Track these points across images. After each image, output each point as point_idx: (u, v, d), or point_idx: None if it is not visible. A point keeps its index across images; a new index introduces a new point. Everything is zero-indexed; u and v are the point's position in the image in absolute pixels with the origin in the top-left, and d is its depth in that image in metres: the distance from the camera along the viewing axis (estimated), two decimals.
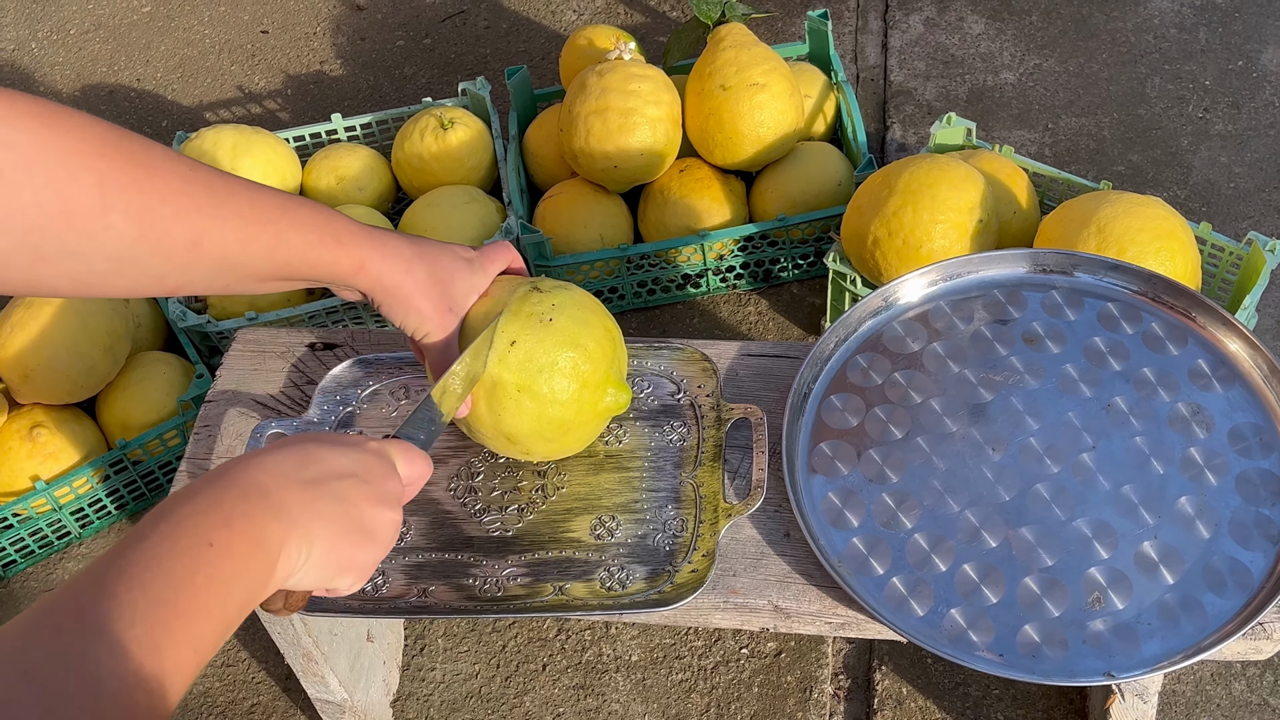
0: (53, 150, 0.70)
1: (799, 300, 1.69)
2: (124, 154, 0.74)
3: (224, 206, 0.79)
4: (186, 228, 0.77)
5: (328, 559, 0.74)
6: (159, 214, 0.75)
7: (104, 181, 0.72)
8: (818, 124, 1.72)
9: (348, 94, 2.04)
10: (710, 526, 0.99)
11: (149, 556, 0.63)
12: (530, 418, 0.96)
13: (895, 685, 1.33)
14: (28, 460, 1.45)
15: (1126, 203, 1.35)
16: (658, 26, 2.07)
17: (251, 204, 0.81)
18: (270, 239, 0.82)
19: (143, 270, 0.77)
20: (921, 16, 2.01)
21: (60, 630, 0.57)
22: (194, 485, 0.70)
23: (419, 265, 0.92)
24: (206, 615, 0.63)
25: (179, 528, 0.65)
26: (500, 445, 1.00)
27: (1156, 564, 0.94)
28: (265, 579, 0.69)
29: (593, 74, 1.58)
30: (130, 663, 0.58)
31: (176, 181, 0.76)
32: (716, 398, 1.07)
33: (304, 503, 0.72)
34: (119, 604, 0.60)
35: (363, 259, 0.88)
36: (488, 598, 0.98)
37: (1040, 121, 1.84)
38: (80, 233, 0.72)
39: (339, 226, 0.87)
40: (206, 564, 0.65)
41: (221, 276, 0.81)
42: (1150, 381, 1.04)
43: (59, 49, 2.17)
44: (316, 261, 0.86)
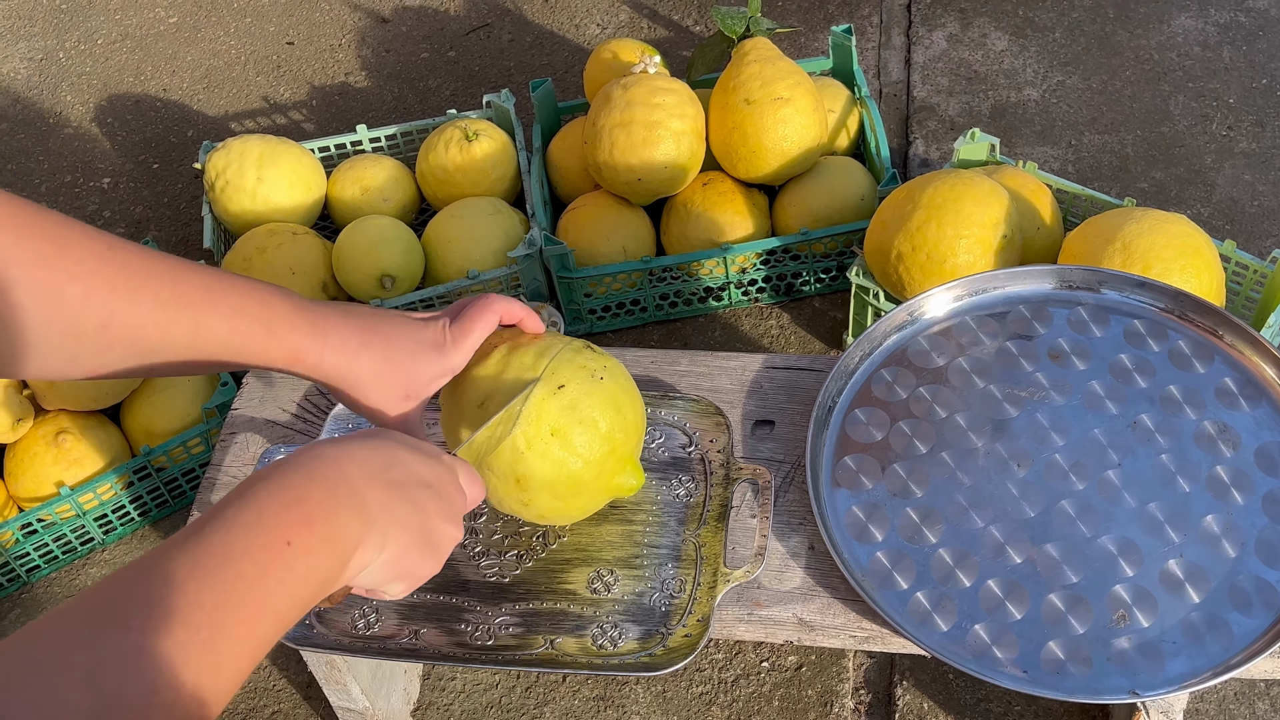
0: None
1: (821, 314, 1.69)
2: (34, 230, 0.71)
3: (139, 289, 0.75)
4: (95, 309, 0.73)
5: (393, 564, 0.72)
6: (67, 294, 0.72)
7: (9, 258, 0.70)
8: (841, 139, 1.72)
9: (373, 105, 2.05)
10: (708, 590, 0.98)
11: (226, 550, 0.62)
12: (552, 465, 0.92)
13: (917, 700, 1.32)
14: (53, 466, 1.46)
15: (1151, 220, 1.34)
16: (682, 41, 2.08)
17: (172, 285, 0.77)
18: (189, 323, 0.78)
19: (54, 352, 0.74)
20: (945, 33, 2.02)
21: (128, 629, 0.56)
22: (280, 467, 0.68)
23: (367, 354, 0.86)
24: (272, 617, 0.62)
25: (261, 521, 0.64)
26: (505, 488, 0.95)
27: (1182, 582, 0.94)
28: (334, 578, 0.68)
29: (617, 87, 1.59)
30: (190, 672, 0.57)
31: (89, 260, 0.73)
32: (728, 454, 1.06)
33: (385, 504, 0.71)
34: (188, 602, 0.58)
35: (297, 348, 0.83)
36: (478, 645, 0.97)
37: (1064, 138, 1.84)
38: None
39: (273, 313, 0.82)
40: (281, 565, 0.63)
41: (139, 360, 0.78)
42: (1176, 399, 1.04)
43: (86, 59, 2.19)
44: (243, 349, 0.81)
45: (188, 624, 0.58)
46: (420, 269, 1.64)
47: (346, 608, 1.00)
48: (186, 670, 0.57)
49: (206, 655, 0.58)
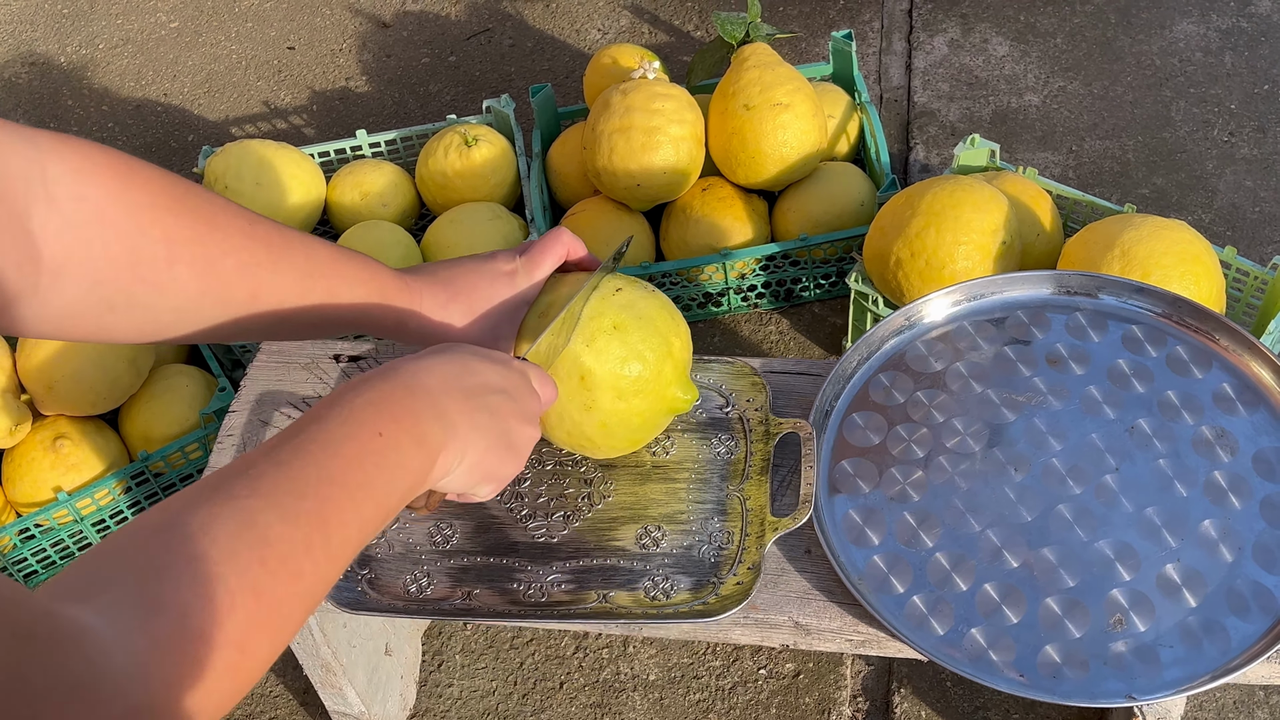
0: (124, 204, 0.73)
1: (820, 320, 1.69)
2: (189, 209, 0.77)
3: (281, 261, 0.82)
4: (247, 281, 0.80)
5: (477, 468, 0.77)
6: (221, 267, 0.78)
7: (171, 236, 0.75)
8: (841, 144, 1.72)
9: (373, 110, 2.05)
10: (756, 540, 0.98)
11: (324, 436, 0.66)
12: (614, 361, 0.96)
13: (914, 708, 1.32)
14: (50, 471, 1.46)
15: (1151, 226, 1.34)
16: (681, 46, 2.08)
17: (307, 258, 0.84)
18: (323, 294, 0.85)
19: (204, 320, 0.80)
20: (946, 38, 2.02)
21: (234, 496, 0.60)
22: (366, 378, 0.73)
23: (454, 306, 0.93)
24: (371, 499, 0.67)
25: (352, 415, 0.69)
26: (569, 390, 0.96)
27: (1179, 586, 0.94)
28: (423, 475, 0.72)
29: (616, 92, 1.59)
30: (299, 531, 0.61)
31: (238, 236, 0.79)
32: (765, 412, 1.07)
33: (463, 410, 0.75)
34: (292, 476, 0.63)
35: (400, 316, 0.91)
36: (532, 603, 0.98)
37: (1064, 144, 1.84)
38: (147, 285, 0.75)
39: (384, 282, 0.89)
40: (375, 452, 0.68)
41: (277, 326, 0.85)
42: (1174, 405, 1.04)
43: (87, 63, 2.19)
44: (362, 316, 0.89)
45: (294, 492, 0.62)
46: None
47: (397, 573, 1.00)
48: (297, 531, 0.61)
49: (314, 522, 0.62)
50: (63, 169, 0.71)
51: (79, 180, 0.71)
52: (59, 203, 0.70)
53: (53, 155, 0.70)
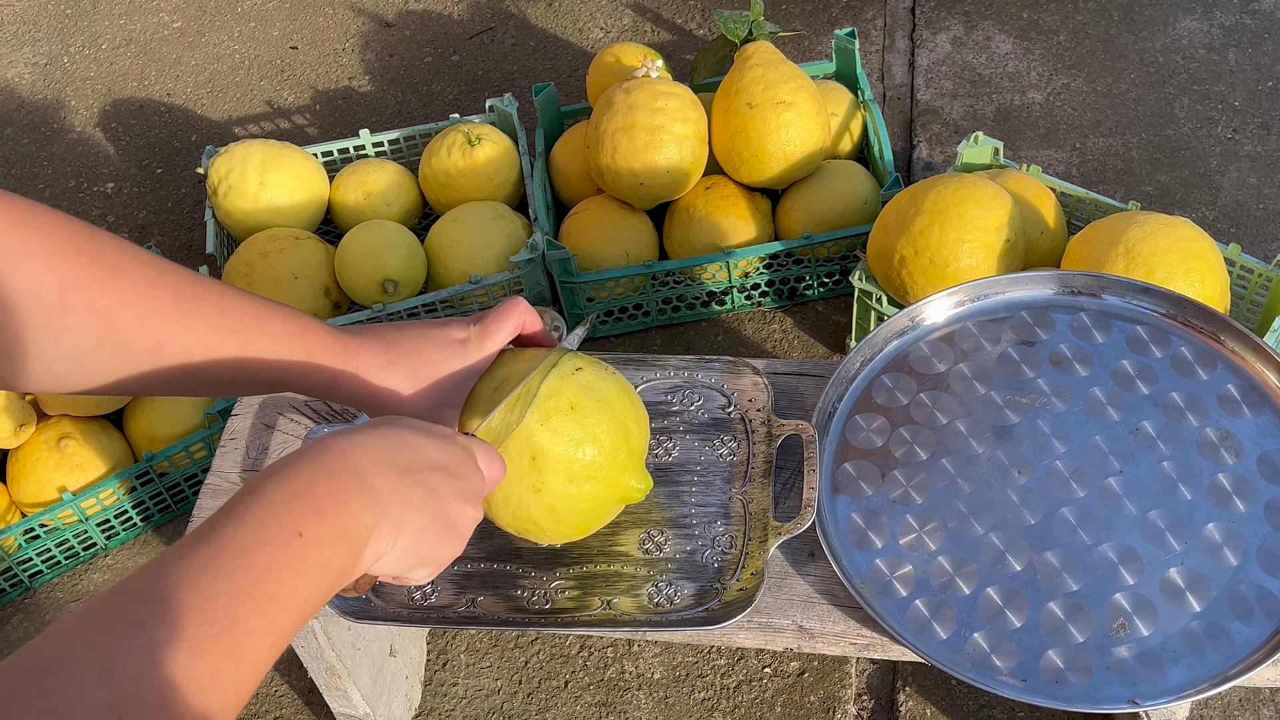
0: (16, 249, 0.70)
1: (824, 318, 1.69)
2: (89, 255, 0.73)
3: (190, 314, 0.77)
4: (148, 333, 0.76)
5: (411, 550, 0.72)
6: (120, 318, 0.74)
7: (65, 283, 0.72)
8: (844, 142, 1.72)
9: (376, 110, 2.05)
10: (759, 545, 0.98)
11: (237, 544, 0.62)
12: (568, 443, 0.89)
13: (920, 707, 1.32)
14: (55, 471, 1.46)
15: (1155, 223, 1.34)
16: (684, 44, 2.08)
17: (220, 311, 0.79)
18: (237, 348, 0.80)
19: (104, 372, 0.76)
20: (949, 36, 2.01)
21: (142, 625, 0.56)
22: (288, 461, 0.68)
23: (394, 370, 0.87)
24: (288, 609, 0.62)
25: (271, 513, 0.64)
26: (518, 470, 0.90)
27: (1183, 591, 0.93)
28: (350, 568, 0.68)
29: (619, 91, 1.59)
30: (208, 664, 0.57)
31: (142, 285, 0.75)
32: (768, 413, 1.07)
33: (396, 490, 0.71)
34: (202, 597, 0.58)
35: (334, 376, 0.85)
36: (536, 610, 0.98)
37: (1068, 141, 1.83)
38: (37, 331, 0.72)
39: (311, 339, 0.84)
40: (294, 556, 0.63)
41: (185, 382, 0.80)
42: (1179, 406, 1.03)
43: (90, 64, 2.19)
44: (284, 374, 0.83)
45: (202, 617, 0.58)
46: (423, 274, 1.63)
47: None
48: (204, 664, 0.57)
49: (223, 649, 0.58)
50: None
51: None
52: None
53: None
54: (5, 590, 1.50)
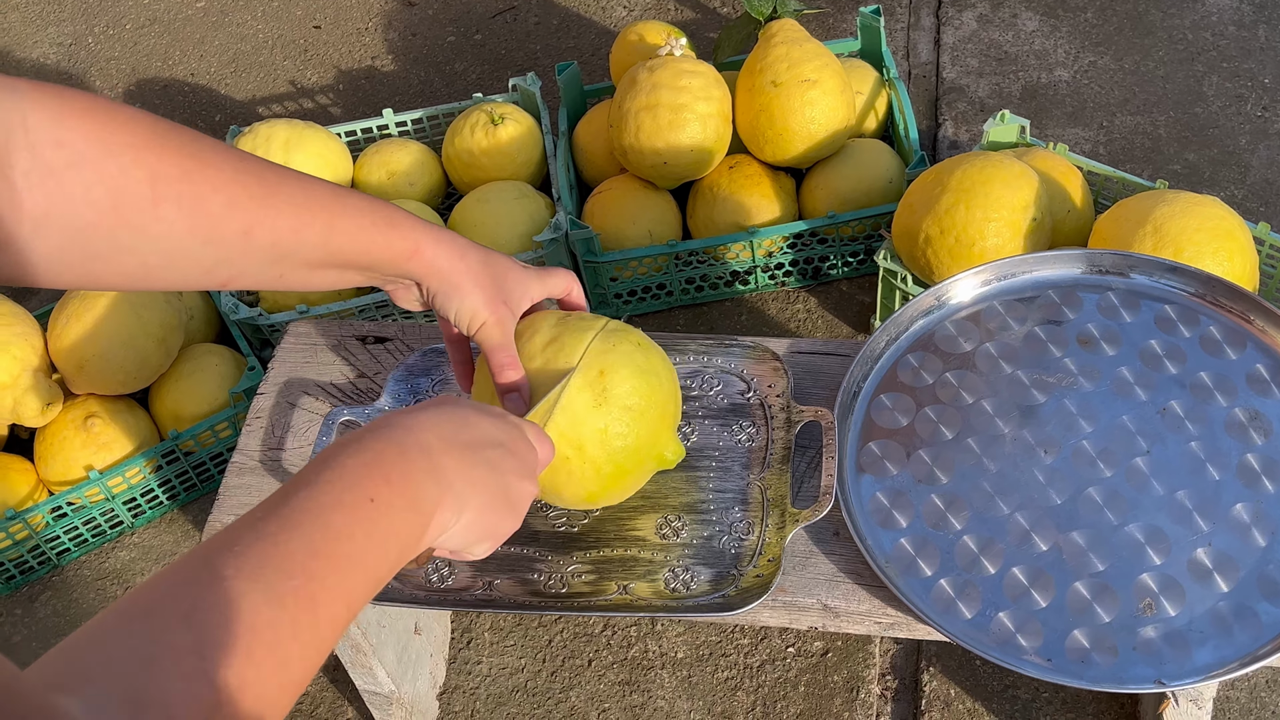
0: (102, 146, 0.71)
1: (848, 298, 1.68)
2: (174, 147, 0.74)
3: (276, 195, 0.79)
4: (238, 217, 0.77)
5: (474, 525, 0.74)
6: (210, 204, 0.75)
7: (155, 174, 0.72)
8: (869, 121, 1.71)
9: (399, 89, 2.05)
10: (777, 531, 0.98)
11: (313, 506, 0.64)
12: (606, 412, 0.91)
13: (943, 686, 1.32)
14: (82, 450, 1.47)
15: (1184, 202, 1.33)
16: (708, 22, 2.07)
17: (304, 192, 0.80)
18: (323, 226, 0.81)
19: (195, 262, 0.77)
20: (975, 13, 2.00)
21: (223, 577, 0.58)
22: (358, 435, 0.70)
23: (473, 254, 0.90)
24: (362, 570, 0.64)
25: (343, 480, 0.66)
26: (555, 431, 0.93)
27: (1210, 571, 0.93)
28: (418, 538, 0.70)
29: (643, 70, 1.58)
30: (287, 615, 0.59)
31: (228, 171, 0.76)
32: (787, 398, 1.06)
33: (460, 467, 0.73)
34: (279, 552, 0.60)
35: (417, 243, 0.87)
36: (552, 594, 0.98)
37: (1095, 119, 1.82)
38: (132, 228, 0.73)
39: (391, 213, 0.86)
40: (367, 519, 0.65)
41: (274, 266, 0.81)
42: (1207, 386, 1.03)
43: (114, 44, 2.20)
44: (369, 245, 0.85)
45: (281, 571, 0.60)
46: None
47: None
48: (283, 614, 0.58)
49: (301, 602, 0.60)
50: (42, 115, 0.69)
51: (58, 125, 0.69)
52: (39, 149, 0.68)
53: (31, 102, 0.68)
54: (34, 567, 1.51)
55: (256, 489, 1.08)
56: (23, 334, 1.46)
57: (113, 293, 1.46)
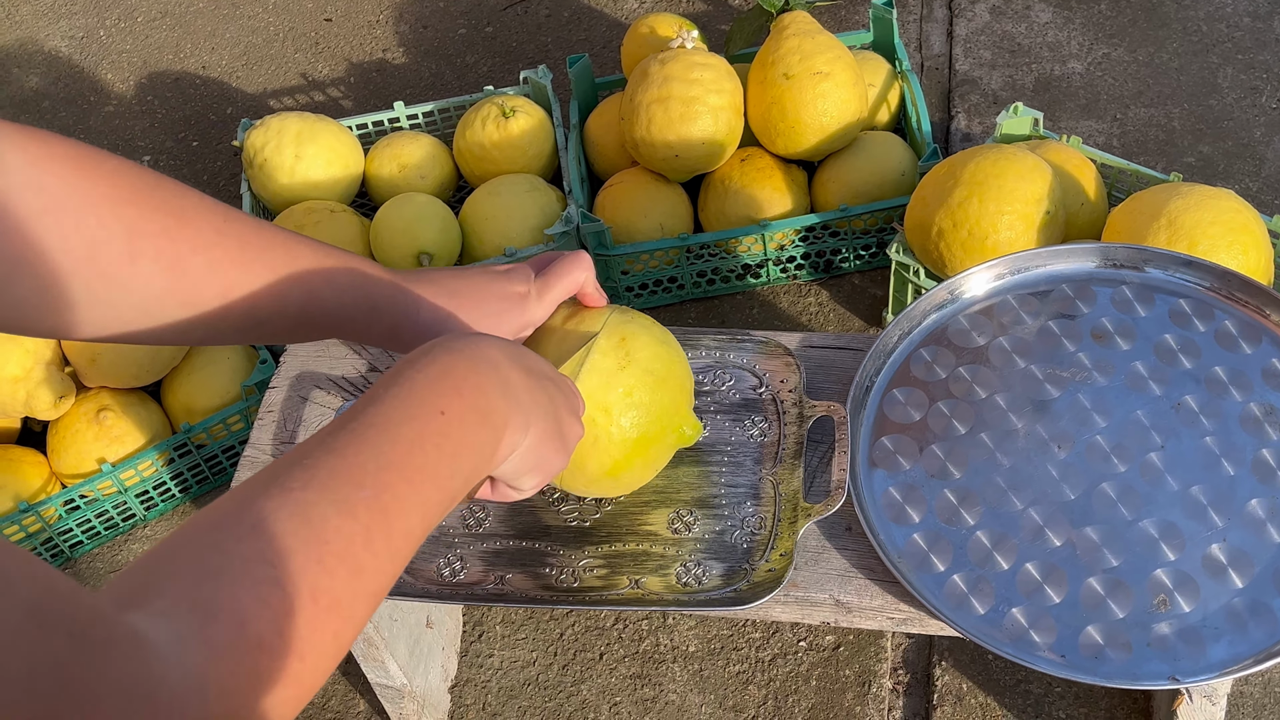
0: (83, 195, 0.69)
1: (860, 291, 1.67)
2: (156, 202, 0.72)
3: (256, 261, 0.77)
4: (217, 280, 0.75)
5: (532, 451, 0.74)
6: (189, 264, 0.74)
7: (133, 229, 0.71)
8: (881, 113, 1.70)
9: (410, 82, 2.05)
10: (789, 526, 0.98)
11: (381, 418, 0.63)
12: (627, 375, 0.92)
13: (955, 681, 1.31)
14: (94, 443, 1.47)
15: (1198, 195, 1.32)
16: (720, 14, 2.06)
17: (286, 258, 0.79)
18: (301, 297, 0.80)
19: (170, 321, 0.76)
20: (988, 5, 1.99)
21: (290, 489, 0.57)
22: (425, 349, 0.69)
23: (455, 323, 0.87)
24: (434, 482, 0.64)
25: (412, 393, 0.66)
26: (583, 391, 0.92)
27: (1225, 567, 0.93)
28: (490, 453, 0.69)
29: (655, 62, 1.58)
30: (359, 525, 0.58)
31: (209, 232, 0.75)
32: (799, 393, 1.06)
33: (526, 386, 0.73)
34: (348, 465, 0.60)
35: (395, 325, 0.85)
36: (564, 588, 0.98)
37: (1109, 112, 1.81)
38: (107, 280, 0.71)
39: (374, 287, 0.83)
40: (436, 431, 0.65)
41: (250, 330, 0.80)
42: (1222, 380, 1.02)
43: (126, 36, 2.20)
44: (348, 324, 0.83)
45: (351, 482, 0.59)
46: (457, 246, 1.63)
47: (430, 556, 1.01)
48: (354, 524, 0.58)
49: (373, 512, 0.59)
50: (21, 159, 0.67)
51: (38, 171, 0.67)
52: (14, 194, 0.66)
53: (10, 144, 0.67)
54: (47, 560, 1.51)
55: None
56: None
57: None
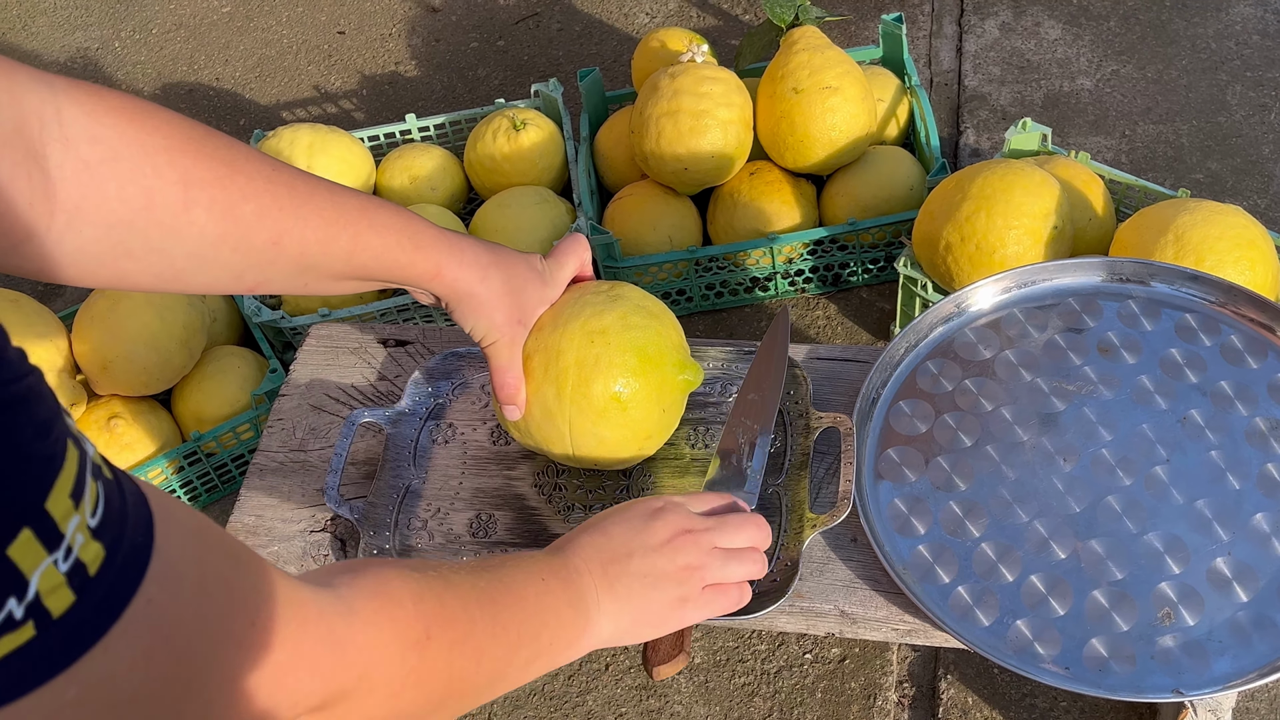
0: (138, 146, 0.71)
1: (868, 305, 1.68)
2: (208, 152, 0.75)
3: (305, 206, 0.79)
4: (268, 226, 0.78)
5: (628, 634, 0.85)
6: (241, 211, 0.76)
7: (188, 178, 0.73)
8: (890, 128, 1.71)
9: (422, 95, 2.06)
10: (795, 536, 0.98)
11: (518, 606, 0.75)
12: (629, 305, 0.97)
13: (961, 694, 1.31)
14: (105, 450, 1.48)
15: (1205, 211, 1.32)
16: (730, 29, 2.07)
17: (333, 204, 0.81)
18: (349, 240, 0.82)
19: (223, 267, 0.78)
20: (997, 21, 2.00)
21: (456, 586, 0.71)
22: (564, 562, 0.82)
23: (494, 273, 0.92)
24: (519, 627, 0.74)
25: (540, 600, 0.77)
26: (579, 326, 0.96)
27: (1230, 581, 0.93)
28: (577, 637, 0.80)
29: (665, 76, 1.59)
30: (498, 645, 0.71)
31: (259, 180, 0.77)
32: (806, 405, 1.06)
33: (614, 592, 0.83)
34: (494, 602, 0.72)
35: (439, 264, 0.88)
36: None
37: (1117, 128, 1.81)
38: (164, 228, 0.73)
39: (417, 230, 0.87)
40: (535, 592, 0.77)
41: (299, 276, 0.82)
42: (1228, 395, 1.02)
43: (141, 48, 2.21)
44: (393, 264, 0.86)
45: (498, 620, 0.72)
46: None
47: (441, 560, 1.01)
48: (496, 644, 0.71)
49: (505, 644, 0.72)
50: (77, 111, 0.70)
51: (93, 122, 0.70)
52: (74, 144, 0.69)
53: (67, 97, 0.69)
54: None
55: (278, 490, 1.09)
56: (47, 335, 1.47)
57: (136, 295, 1.47)
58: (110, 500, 0.44)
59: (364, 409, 1.08)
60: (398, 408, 1.09)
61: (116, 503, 0.45)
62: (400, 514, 1.04)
